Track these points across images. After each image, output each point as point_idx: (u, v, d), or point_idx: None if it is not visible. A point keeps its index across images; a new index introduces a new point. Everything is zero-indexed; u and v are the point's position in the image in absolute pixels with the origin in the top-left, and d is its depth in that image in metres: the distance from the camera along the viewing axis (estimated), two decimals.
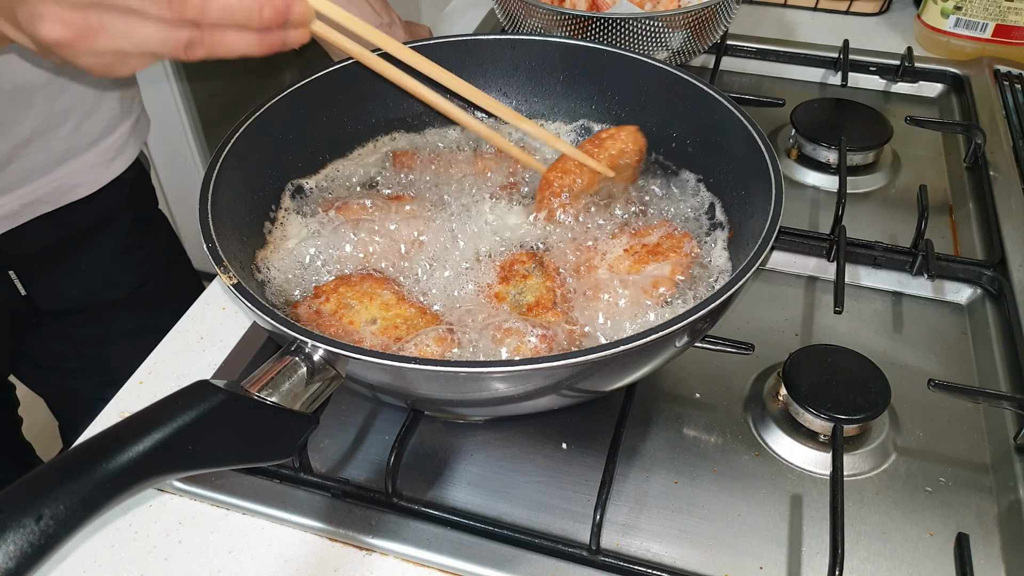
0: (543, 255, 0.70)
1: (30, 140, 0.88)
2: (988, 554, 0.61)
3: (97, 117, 0.95)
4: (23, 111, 0.85)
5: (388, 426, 0.70)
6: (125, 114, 1.00)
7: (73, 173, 0.94)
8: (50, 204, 0.94)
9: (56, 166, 0.92)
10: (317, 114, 0.80)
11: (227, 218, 0.66)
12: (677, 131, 0.80)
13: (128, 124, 1.01)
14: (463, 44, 0.84)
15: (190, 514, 0.64)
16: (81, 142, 0.94)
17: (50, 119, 0.89)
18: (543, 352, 0.60)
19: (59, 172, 0.93)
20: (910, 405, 0.71)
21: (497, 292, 0.67)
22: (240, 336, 0.78)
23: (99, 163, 0.97)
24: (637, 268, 0.69)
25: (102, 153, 0.97)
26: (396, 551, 0.61)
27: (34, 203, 0.92)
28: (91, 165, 0.96)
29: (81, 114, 0.92)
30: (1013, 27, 1.14)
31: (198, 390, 0.47)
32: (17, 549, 0.38)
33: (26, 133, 0.87)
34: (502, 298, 0.66)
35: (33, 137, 0.88)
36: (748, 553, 0.61)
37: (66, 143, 0.92)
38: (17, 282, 0.97)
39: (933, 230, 0.90)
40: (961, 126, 1.04)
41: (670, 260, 0.69)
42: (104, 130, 0.97)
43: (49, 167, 0.92)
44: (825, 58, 1.17)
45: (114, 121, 0.98)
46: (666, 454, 0.68)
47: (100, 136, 0.96)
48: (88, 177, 0.96)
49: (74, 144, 0.93)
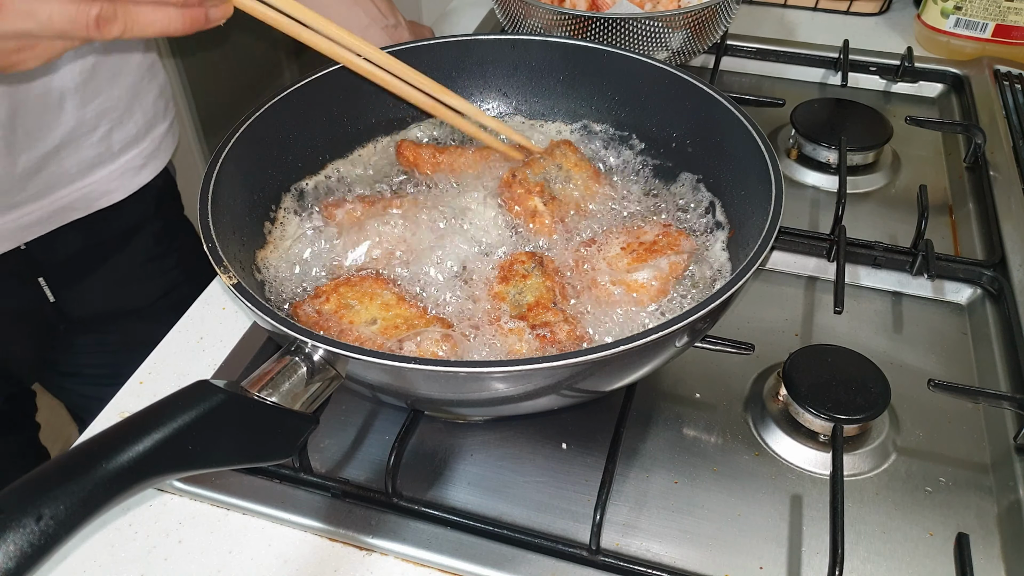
0: (543, 255, 0.70)
1: (61, 147, 0.87)
2: (988, 554, 0.61)
3: (129, 124, 0.94)
4: (54, 117, 0.84)
5: (388, 426, 0.70)
6: (158, 120, 0.99)
7: (103, 180, 0.94)
8: (79, 211, 0.93)
9: (86, 173, 0.91)
10: (317, 114, 0.80)
11: (227, 218, 0.66)
12: (677, 131, 0.80)
13: (160, 130, 1.00)
14: (463, 44, 0.84)
15: (190, 514, 0.64)
16: (112, 148, 0.93)
17: (81, 125, 0.88)
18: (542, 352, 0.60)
19: (89, 179, 0.92)
20: (910, 405, 0.71)
21: (497, 292, 0.67)
22: (240, 336, 0.78)
23: (129, 170, 0.97)
24: (635, 266, 0.69)
25: (133, 160, 0.97)
26: (396, 551, 0.61)
27: (63, 209, 0.91)
28: (121, 172, 0.96)
29: (113, 120, 0.92)
30: (1013, 27, 1.14)
31: (198, 390, 0.47)
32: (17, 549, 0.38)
33: (57, 140, 0.86)
34: (502, 298, 0.66)
35: (64, 144, 0.87)
36: (748, 553, 0.61)
37: (96, 149, 0.91)
38: (47, 289, 0.97)
39: (933, 230, 0.90)
40: (961, 126, 1.04)
41: (667, 257, 0.69)
42: (136, 137, 0.96)
43: (79, 174, 0.91)
44: (825, 58, 1.17)
45: (146, 127, 0.97)
46: (666, 454, 0.68)
47: (132, 143, 0.96)
48: (118, 184, 0.96)
49: (105, 151, 0.93)
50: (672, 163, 0.81)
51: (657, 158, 0.82)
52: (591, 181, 0.78)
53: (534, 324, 0.62)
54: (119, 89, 0.91)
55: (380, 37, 1.01)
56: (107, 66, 0.89)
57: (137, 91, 0.94)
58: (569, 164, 0.78)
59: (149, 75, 0.97)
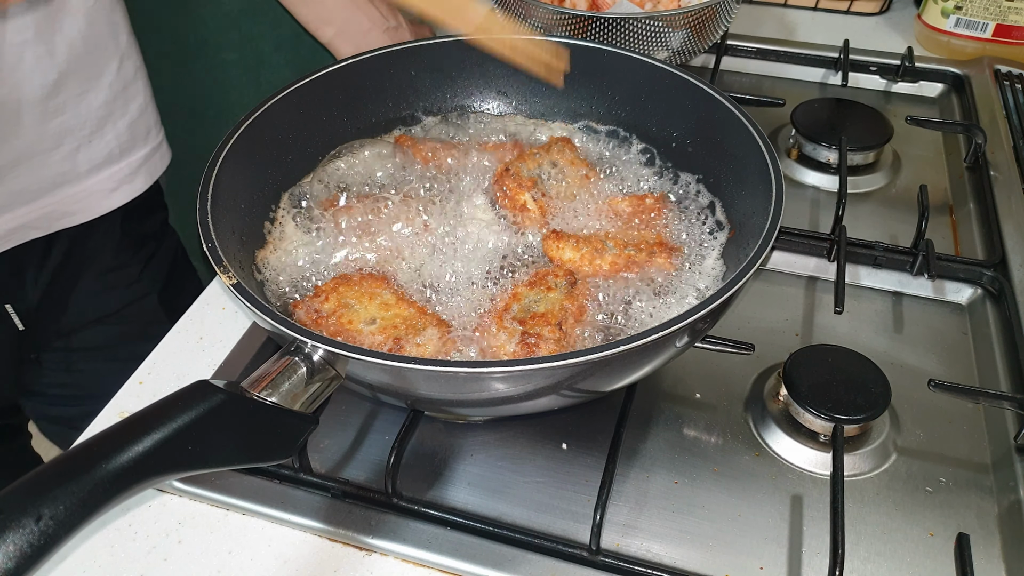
0: (579, 278, 0.68)
1: (17, 162, 0.83)
2: (988, 554, 0.61)
3: (99, 144, 0.90)
4: (10, 129, 0.81)
5: (388, 426, 0.70)
6: (136, 144, 0.94)
7: (65, 200, 0.89)
8: (39, 230, 0.89)
9: (47, 192, 0.87)
10: (317, 114, 0.80)
11: (227, 218, 0.65)
12: (677, 131, 0.80)
13: (138, 155, 0.95)
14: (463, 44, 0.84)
15: (190, 514, 0.64)
16: (78, 169, 0.89)
17: (41, 141, 0.84)
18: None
19: (51, 198, 0.88)
20: (910, 405, 0.71)
21: (517, 292, 0.66)
22: (240, 336, 0.78)
23: (97, 192, 0.92)
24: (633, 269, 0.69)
25: (103, 182, 0.92)
26: (396, 551, 0.61)
27: (22, 228, 0.87)
28: (88, 193, 0.91)
29: (79, 139, 0.88)
30: (1013, 27, 1.14)
31: (198, 390, 0.47)
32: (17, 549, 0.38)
33: (13, 154, 0.82)
34: (520, 298, 0.66)
35: (21, 159, 0.83)
36: (748, 553, 0.61)
37: (59, 168, 0.87)
38: (14, 316, 0.93)
39: (933, 230, 0.90)
40: (961, 126, 1.04)
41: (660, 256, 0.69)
42: (106, 159, 0.92)
43: (39, 192, 0.86)
44: (825, 58, 1.17)
45: (120, 151, 0.93)
46: (666, 454, 0.68)
47: (102, 165, 0.91)
48: (83, 206, 0.91)
49: (69, 170, 0.88)
50: (672, 163, 0.81)
51: (657, 158, 0.82)
52: (585, 179, 0.78)
53: (527, 331, 0.62)
54: (86, 109, 0.87)
55: (381, 39, 1.01)
56: (73, 84, 0.85)
57: (109, 112, 0.90)
58: (565, 161, 0.78)
59: (124, 97, 0.92)
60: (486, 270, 0.71)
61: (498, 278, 0.70)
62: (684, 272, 0.70)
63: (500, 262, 0.72)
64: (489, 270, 0.71)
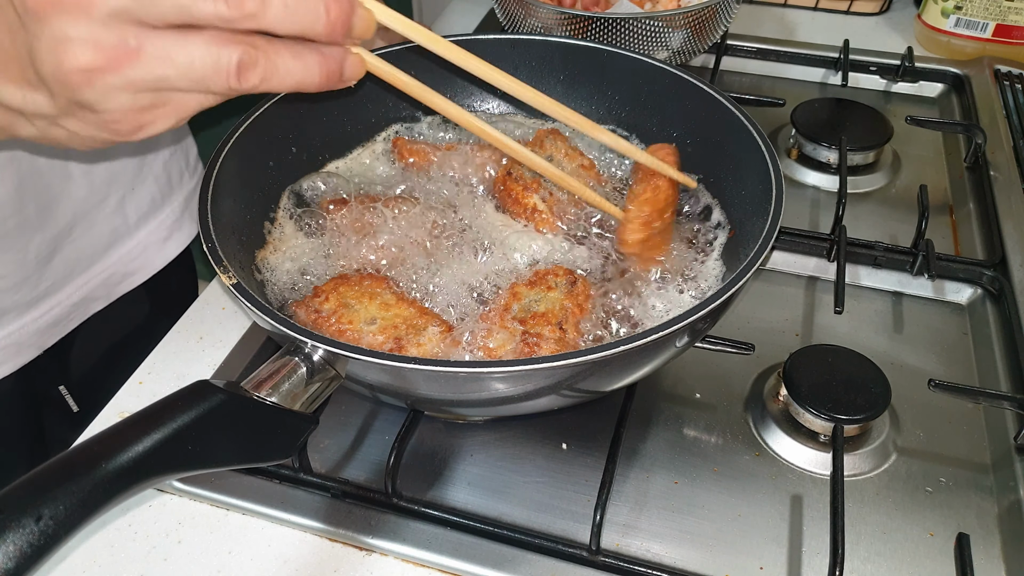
0: (580, 277, 0.68)
1: (73, 224, 0.79)
2: (989, 554, 0.61)
3: (141, 191, 0.85)
4: (61, 185, 0.77)
5: (388, 426, 0.70)
6: (175, 185, 0.90)
7: (123, 259, 0.84)
8: (101, 300, 0.84)
9: (103, 253, 0.82)
10: (317, 114, 0.80)
11: (226, 218, 0.65)
12: (677, 131, 0.80)
13: (181, 196, 0.90)
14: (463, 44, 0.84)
15: (190, 514, 0.64)
16: (128, 220, 0.84)
17: (92, 194, 0.80)
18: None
19: (108, 259, 0.83)
20: (910, 405, 0.71)
21: (517, 291, 0.66)
22: (240, 336, 0.78)
23: (152, 243, 0.87)
24: None
25: (154, 232, 0.87)
26: (396, 551, 0.61)
27: (84, 301, 0.82)
28: (143, 248, 0.86)
29: (124, 186, 0.83)
30: (1013, 27, 1.14)
31: (198, 390, 0.47)
32: (17, 549, 0.38)
33: (69, 215, 0.78)
34: (520, 297, 0.66)
35: (76, 219, 0.79)
36: (748, 553, 0.61)
37: (111, 223, 0.83)
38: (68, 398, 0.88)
39: (933, 230, 0.90)
40: (961, 126, 1.04)
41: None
42: (152, 206, 0.87)
43: (96, 255, 0.82)
44: (825, 58, 1.17)
45: (161, 194, 0.88)
46: (666, 454, 0.68)
47: (149, 213, 0.86)
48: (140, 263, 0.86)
49: (120, 224, 0.83)
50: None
51: None
52: (584, 170, 0.78)
53: (528, 331, 0.62)
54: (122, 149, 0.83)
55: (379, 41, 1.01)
56: None
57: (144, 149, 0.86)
58: (560, 154, 0.78)
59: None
60: (487, 268, 0.70)
61: (498, 280, 0.70)
62: (684, 272, 0.70)
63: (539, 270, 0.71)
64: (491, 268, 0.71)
